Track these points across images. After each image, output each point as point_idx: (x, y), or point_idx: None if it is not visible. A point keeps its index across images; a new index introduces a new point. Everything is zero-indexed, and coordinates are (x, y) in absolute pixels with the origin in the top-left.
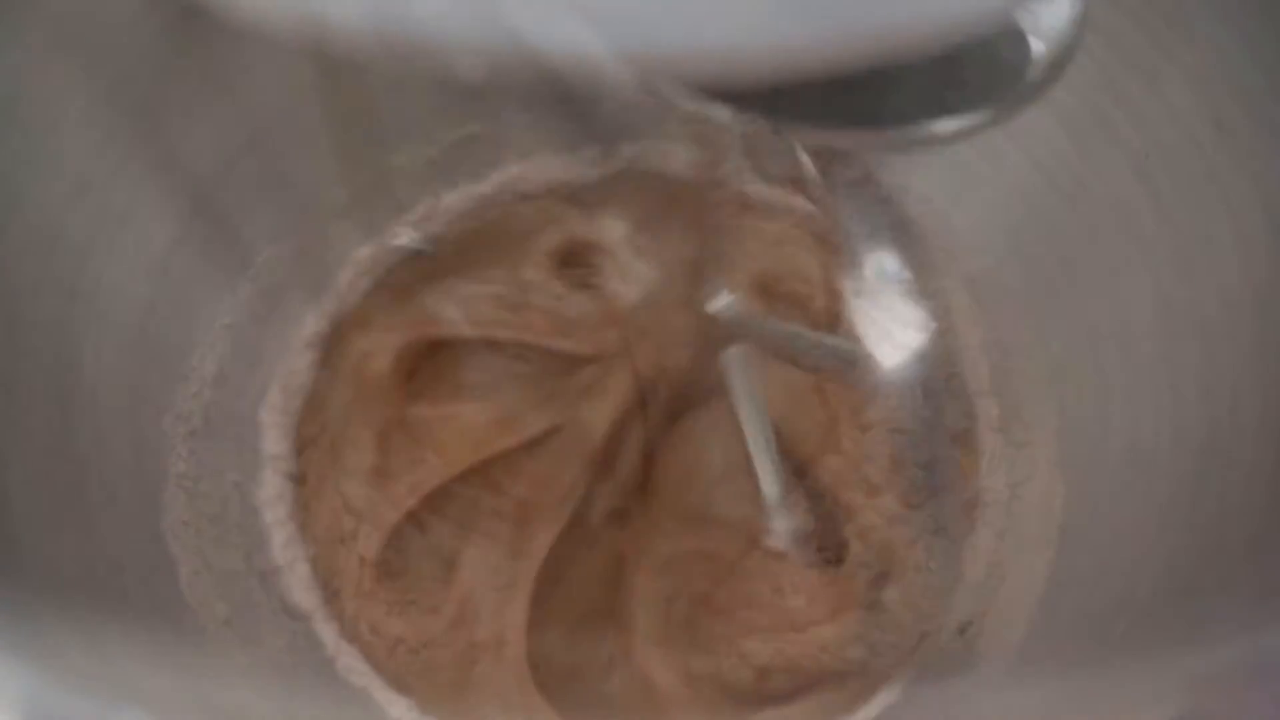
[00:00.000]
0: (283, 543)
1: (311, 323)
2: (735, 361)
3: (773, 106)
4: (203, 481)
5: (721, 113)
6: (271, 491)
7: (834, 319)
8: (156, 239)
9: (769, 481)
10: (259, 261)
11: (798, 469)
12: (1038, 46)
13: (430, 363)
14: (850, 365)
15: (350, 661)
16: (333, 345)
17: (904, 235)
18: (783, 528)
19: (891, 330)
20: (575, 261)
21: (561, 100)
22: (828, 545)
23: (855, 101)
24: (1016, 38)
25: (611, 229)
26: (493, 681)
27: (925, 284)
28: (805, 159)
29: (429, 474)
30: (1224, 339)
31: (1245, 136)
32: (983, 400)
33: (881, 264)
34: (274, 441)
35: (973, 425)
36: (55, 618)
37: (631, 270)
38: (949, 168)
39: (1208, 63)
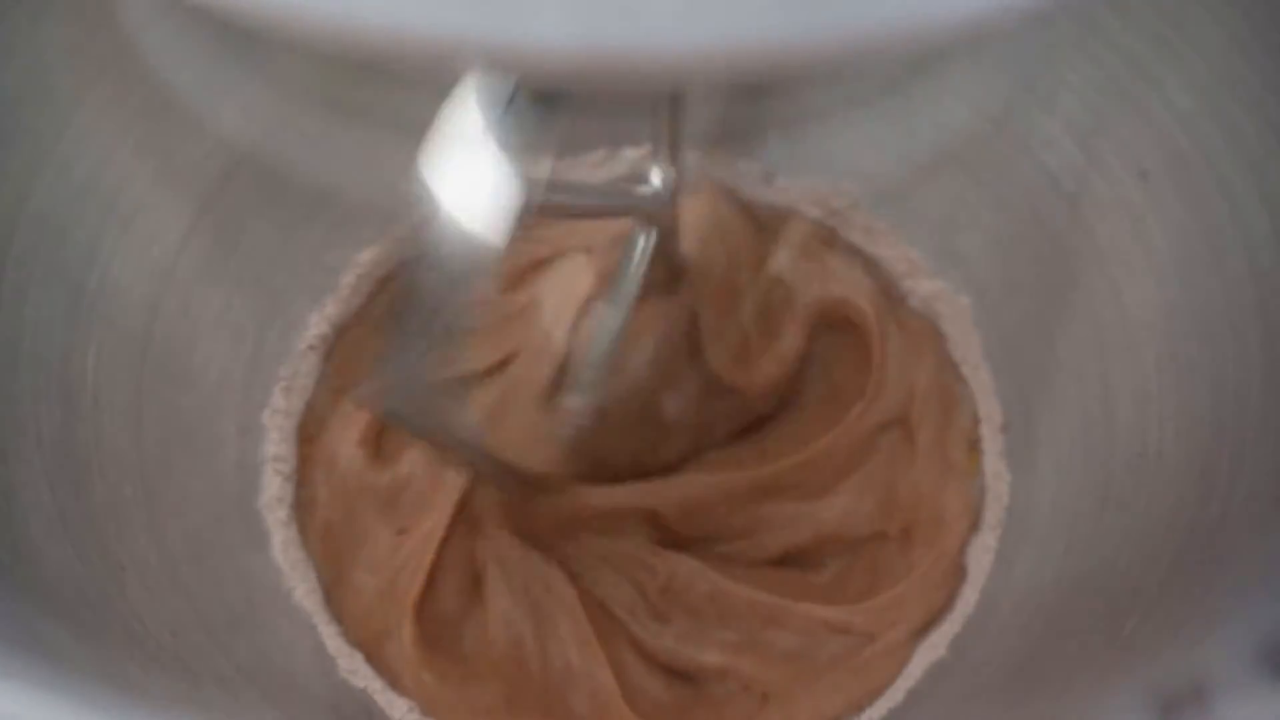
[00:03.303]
0: (283, 544)
1: (314, 325)
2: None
3: None
4: (203, 483)
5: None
6: (272, 493)
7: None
8: (161, 241)
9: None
10: (262, 264)
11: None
12: None
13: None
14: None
15: (351, 664)
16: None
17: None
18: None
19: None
20: None
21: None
22: None
23: None
24: None
25: None
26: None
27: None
28: None
29: None
30: (1230, 340)
31: (1250, 139)
32: (986, 401)
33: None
34: (275, 443)
35: (976, 426)
36: (58, 617)
37: None
38: (952, 168)
39: (1212, 67)
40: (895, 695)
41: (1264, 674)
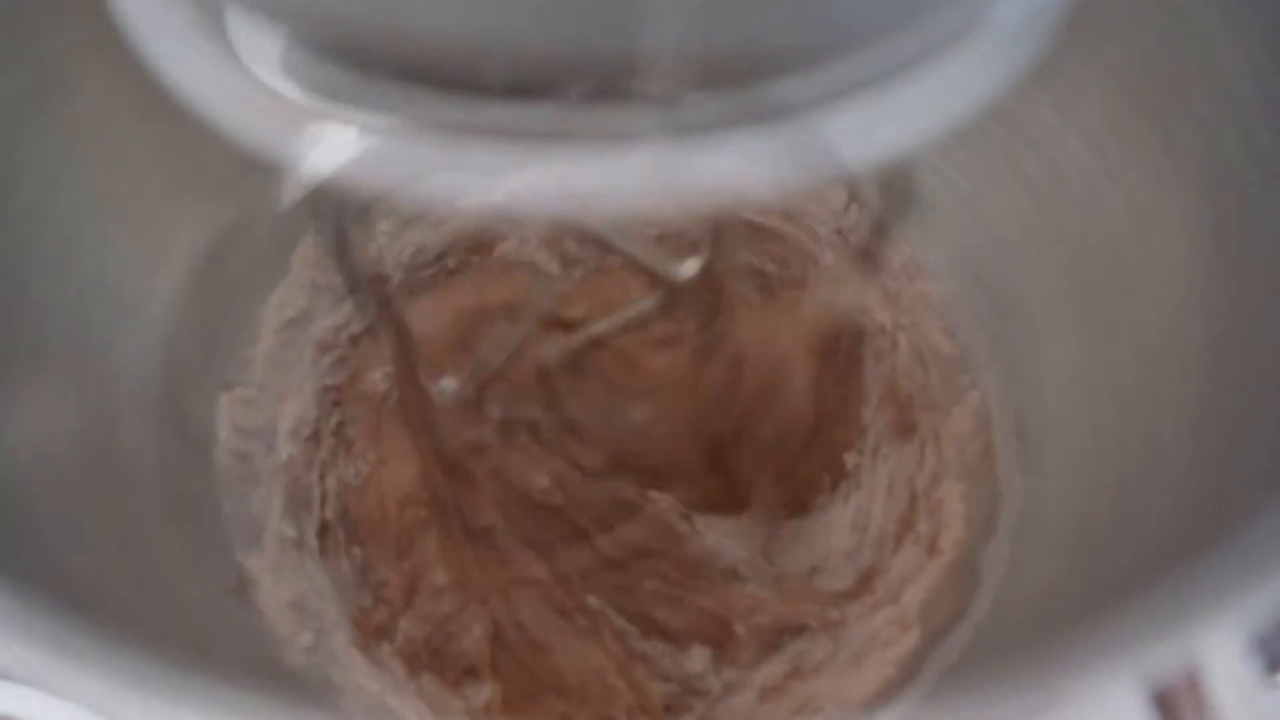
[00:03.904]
0: (283, 545)
1: (314, 325)
2: None
3: None
4: (205, 484)
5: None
6: (273, 495)
7: None
8: (174, 244)
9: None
10: (265, 265)
11: None
12: None
13: None
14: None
15: (352, 664)
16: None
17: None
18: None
19: None
20: None
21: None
22: None
23: None
24: None
25: None
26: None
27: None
28: None
29: None
30: (1243, 342)
31: (1263, 139)
32: (997, 405)
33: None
34: (276, 444)
35: (988, 430)
36: (73, 619)
37: None
38: (960, 168)
39: (1224, 66)
40: (905, 700)
41: (1257, 666)
